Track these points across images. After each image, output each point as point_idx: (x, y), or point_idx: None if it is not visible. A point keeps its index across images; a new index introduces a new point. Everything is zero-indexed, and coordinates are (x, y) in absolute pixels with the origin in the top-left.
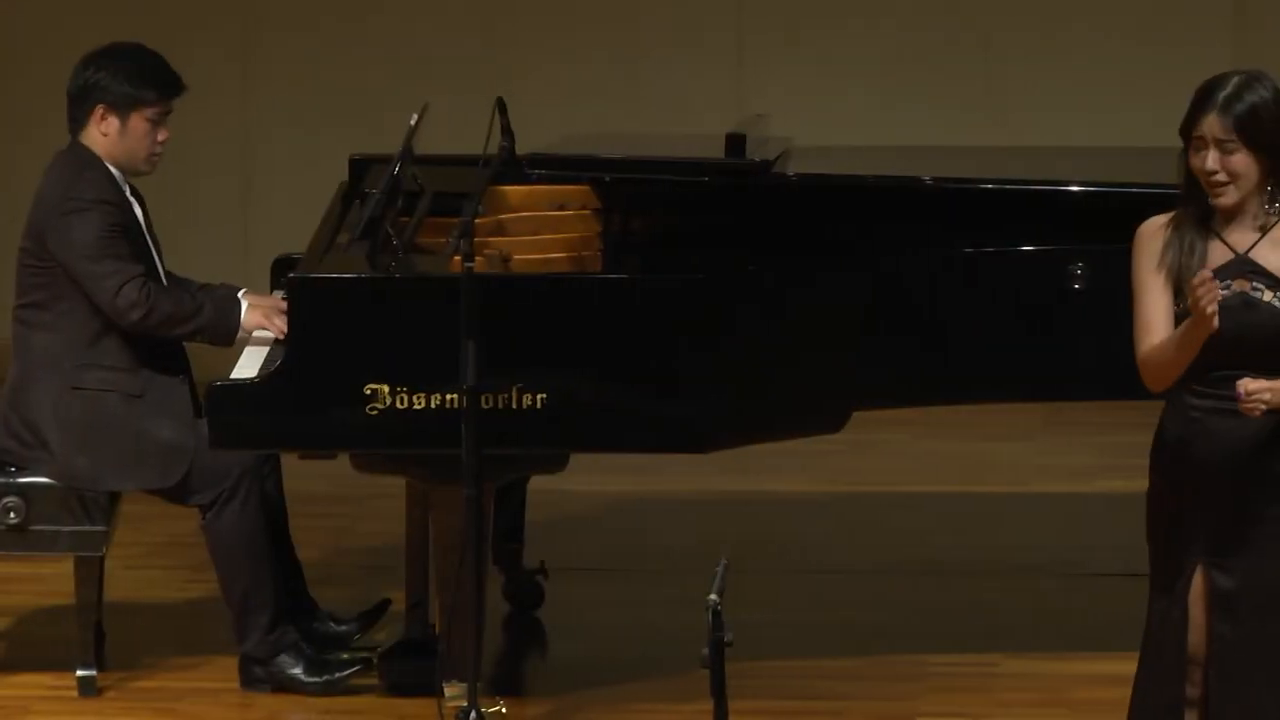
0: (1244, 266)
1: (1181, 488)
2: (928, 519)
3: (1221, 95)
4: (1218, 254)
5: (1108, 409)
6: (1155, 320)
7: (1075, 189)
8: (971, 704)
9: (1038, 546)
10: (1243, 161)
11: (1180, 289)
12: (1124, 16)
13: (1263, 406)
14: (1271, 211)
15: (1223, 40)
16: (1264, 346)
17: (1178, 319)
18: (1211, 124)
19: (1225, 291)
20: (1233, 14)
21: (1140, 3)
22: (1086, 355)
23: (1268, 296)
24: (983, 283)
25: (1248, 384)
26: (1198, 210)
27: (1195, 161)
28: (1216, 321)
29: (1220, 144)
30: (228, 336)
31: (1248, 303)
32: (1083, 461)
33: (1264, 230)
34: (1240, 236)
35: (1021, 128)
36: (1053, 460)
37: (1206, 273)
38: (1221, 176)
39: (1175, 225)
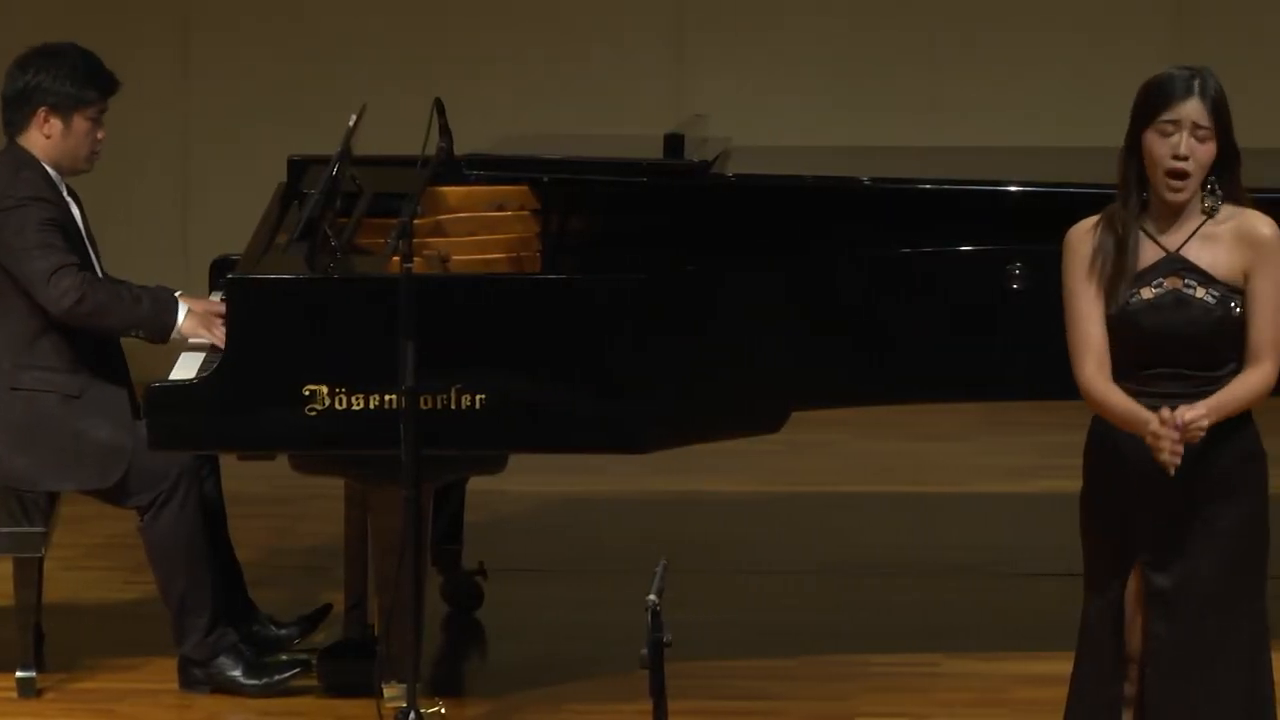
0: (1176, 264)
1: (1115, 486)
2: (867, 519)
3: (1195, 83)
4: (1149, 252)
5: (1047, 409)
6: (1090, 336)
7: (1014, 189)
8: (911, 704)
9: (977, 546)
10: (1209, 152)
11: (1112, 291)
12: (1064, 17)
13: (1202, 434)
14: (1205, 210)
15: (1162, 41)
16: (1196, 344)
17: (1106, 321)
18: (1192, 109)
19: (1158, 290)
20: (1173, 14)
21: (1081, 4)
22: (1026, 355)
23: (1200, 294)
24: (922, 283)
25: (1183, 415)
26: (1134, 207)
27: (1162, 148)
28: (1171, 471)
29: (1196, 129)
30: (164, 333)
31: (1180, 300)
32: (1022, 461)
33: (1196, 228)
34: (1172, 234)
35: (960, 128)
36: (992, 460)
37: (1169, 420)
38: (1189, 165)
39: (1105, 225)
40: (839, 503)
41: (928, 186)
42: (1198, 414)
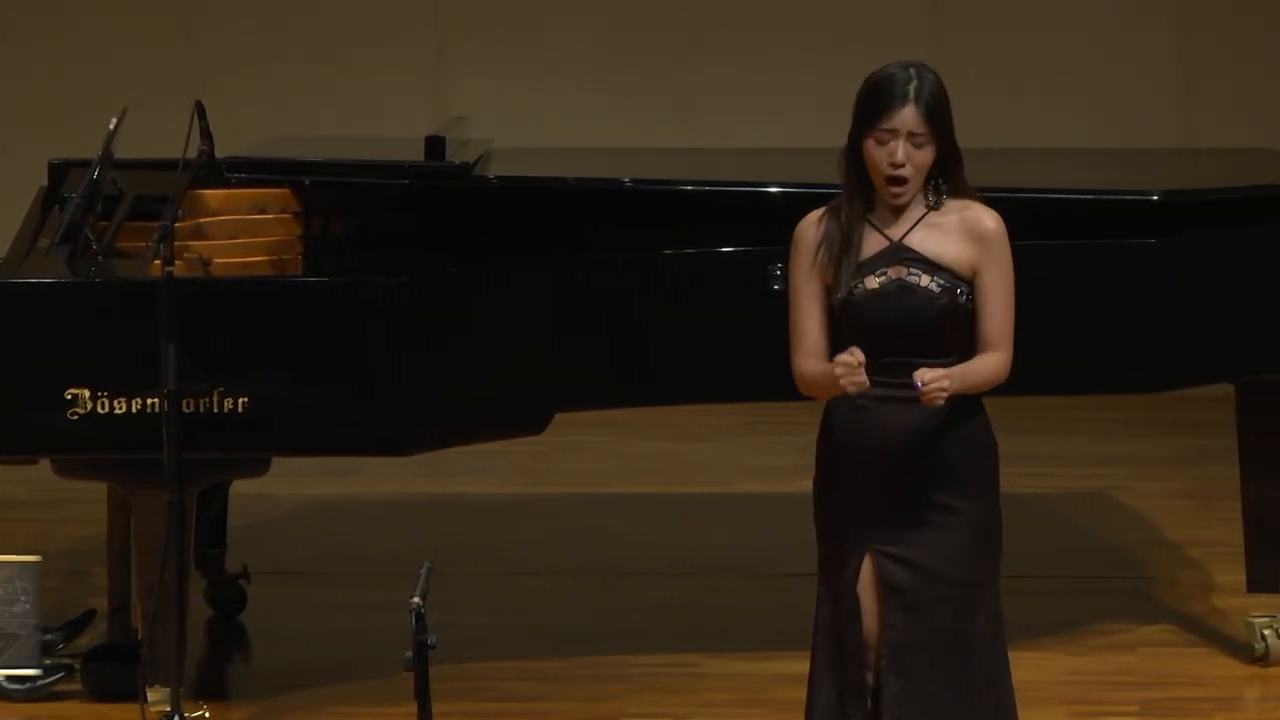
0: (900, 253)
1: (849, 476)
2: (630, 520)
3: (911, 88)
4: (873, 242)
5: (809, 409)
6: (808, 331)
7: (774, 190)
8: (674, 704)
9: (740, 546)
10: (927, 155)
11: (836, 281)
12: (824, 19)
13: (943, 396)
14: (929, 200)
15: (921, 41)
16: (924, 330)
17: (833, 309)
18: (907, 117)
19: (882, 279)
20: (931, 15)
21: (840, 5)
22: (787, 356)
23: (925, 281)
24: (684, 284)
25: (924, 374)
26: (858, 204)
27: (880, 155)
28: (855, 391)
29: (912, 137)
30: None
31: (905, 288)
32: (784, 461)
33: (920, 218)
34: (896, 225)
35: (722, 128)
36: (755, 460)
37: (852, 359)
38: (907, 170)
39: (830, 216)
40: (602, 504)
41: (689, 188)
42: (938, 375)
